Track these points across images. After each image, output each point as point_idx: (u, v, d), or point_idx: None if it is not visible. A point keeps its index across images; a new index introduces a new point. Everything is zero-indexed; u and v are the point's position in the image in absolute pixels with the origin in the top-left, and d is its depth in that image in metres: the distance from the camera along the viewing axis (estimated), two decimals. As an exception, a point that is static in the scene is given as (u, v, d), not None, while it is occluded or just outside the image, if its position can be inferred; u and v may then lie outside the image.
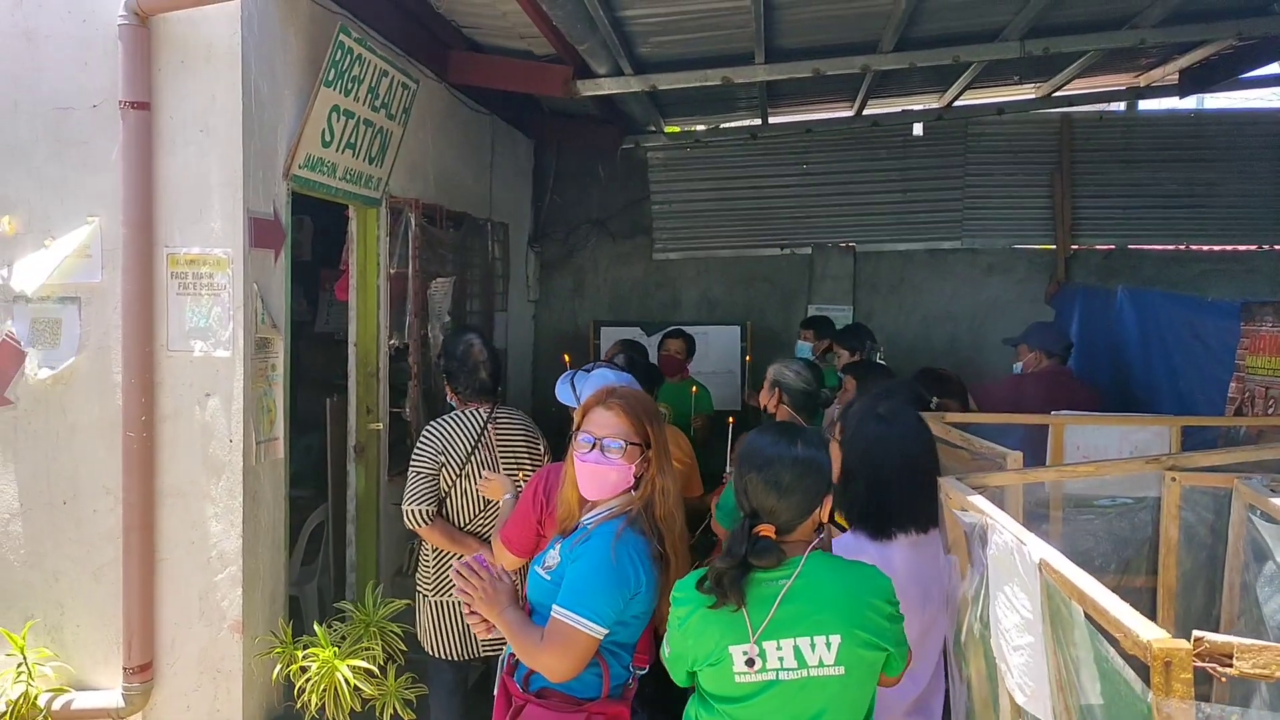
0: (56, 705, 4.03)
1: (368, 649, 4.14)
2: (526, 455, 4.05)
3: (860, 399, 3.34)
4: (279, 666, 4.11)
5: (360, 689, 4.01)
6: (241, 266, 4.04)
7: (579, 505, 2.86)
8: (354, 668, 4.01)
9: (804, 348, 6.64)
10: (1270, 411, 4.38)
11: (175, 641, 4.13)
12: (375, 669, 4.08)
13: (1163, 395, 5.39)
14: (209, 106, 4.01)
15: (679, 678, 2.49)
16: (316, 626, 4.11)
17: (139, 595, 4.03)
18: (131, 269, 3.99)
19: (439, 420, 4.06)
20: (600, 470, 2.75)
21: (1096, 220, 8.49)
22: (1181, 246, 8.50)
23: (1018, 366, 5.54)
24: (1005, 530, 1.91)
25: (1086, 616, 1.55)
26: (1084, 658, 1.56)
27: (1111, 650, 1.50)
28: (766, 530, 2.34)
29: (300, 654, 4.05)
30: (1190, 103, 8.46)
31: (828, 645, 2.29)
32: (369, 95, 4.85)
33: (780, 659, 2.29)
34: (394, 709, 4.07)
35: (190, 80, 4.01)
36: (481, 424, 4.02)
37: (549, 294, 9.16)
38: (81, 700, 4.06)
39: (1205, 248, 8.50)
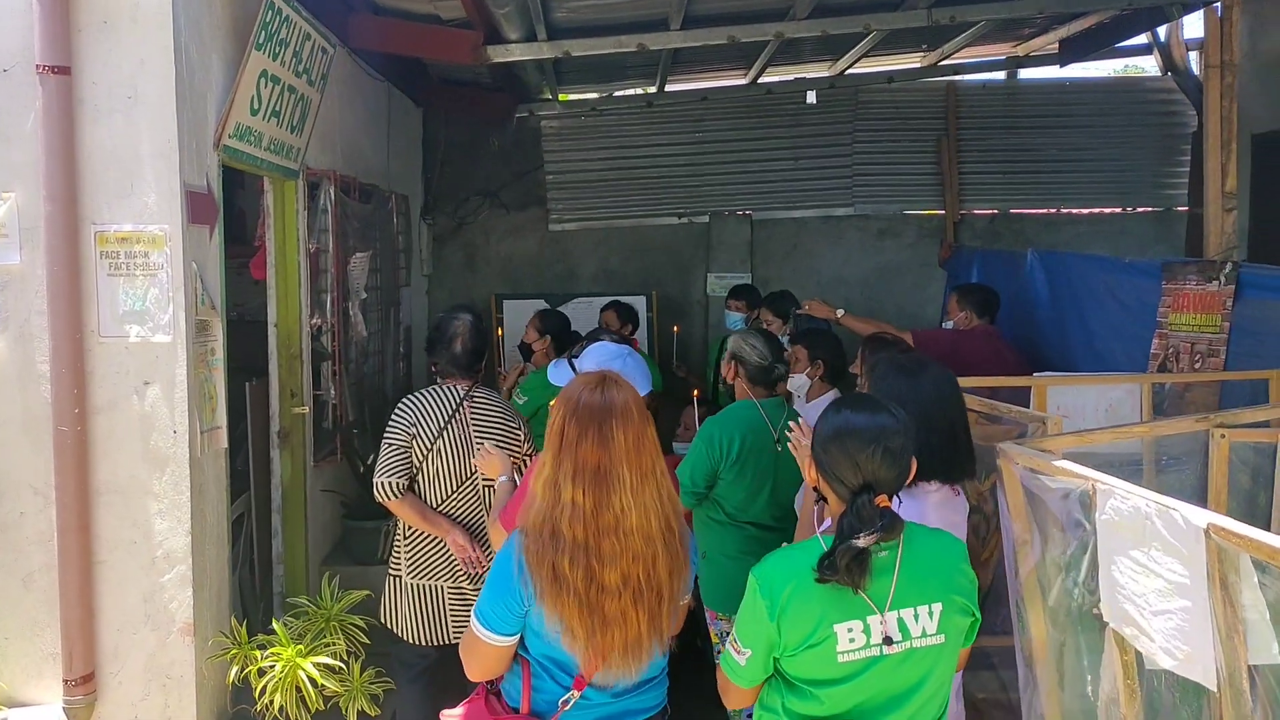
0: (-10, 725, 3.72)
1: (329, 644, 3.96)
2: (501, 438, 3.88)
3: (879, 355, 3.30)
4: (234, 669, 3.88)
5: (325, 686, 3.83)
6: (180, 244, 3.76)
7: None
8: (318, 665, 3.82)
9: (735, 318, 6.60)
10: (1197, 365, 4.59)
11: (119, 649, 3.84)
12: (339, 664, 3.90)
13: (1078, 355, 5.56)
14: (138, 71, 3.70)
15: (753, 677, 2.31)
16: (275, 624, 3.90)
17: (78, 601, 3.74)
18: (56, 248, 3.66)
19: (414, 393, 3.92)
20: None
21: (981, 185, 8.72)
22: (1055, 210, 8.85)
23: (949, 324, 5.64)
24: (1134, 495, 1.91)
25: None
26: (1255, 620, 1.58)
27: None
28: (885, 501, 2.23)
29: (259, 654, 3.84)
30: (1063, 71, 8.78)
31: (929, 614, 2.24)
32: (294, 60, 4.57)
33: (883, 633, 2.22)
34: (360, 705, 3.91)
35: (115, 42, 3.69)
36: (457, 401, 3.85)
37: (441, 268, 8.87)
38: (18, 718, 3.75)
39: (1078, 210, 8.87)
